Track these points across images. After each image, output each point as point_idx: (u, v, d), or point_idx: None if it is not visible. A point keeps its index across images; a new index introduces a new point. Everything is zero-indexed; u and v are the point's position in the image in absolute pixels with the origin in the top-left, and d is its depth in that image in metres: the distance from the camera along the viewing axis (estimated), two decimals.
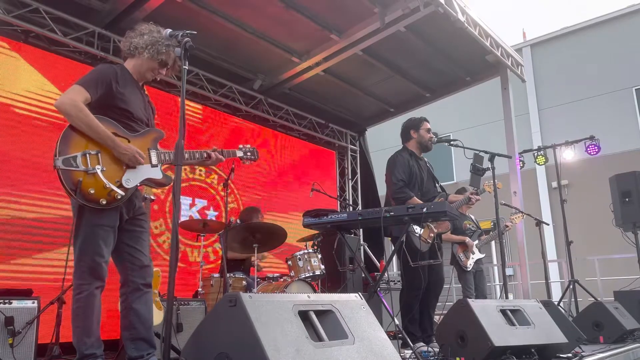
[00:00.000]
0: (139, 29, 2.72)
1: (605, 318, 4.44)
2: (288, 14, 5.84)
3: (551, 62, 14.70)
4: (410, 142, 4.33)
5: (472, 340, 2.75)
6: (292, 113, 8.11)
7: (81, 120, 2.43)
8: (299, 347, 1.76)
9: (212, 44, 6.42)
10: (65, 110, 2.43)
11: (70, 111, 2.42)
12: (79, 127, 2.44)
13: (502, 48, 6.74)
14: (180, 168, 2.22)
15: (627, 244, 6.40)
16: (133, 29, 2.74)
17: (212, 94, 6.91)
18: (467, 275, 5.95)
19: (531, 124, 14.52)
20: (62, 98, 2.45)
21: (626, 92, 13.31)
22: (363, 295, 2.34)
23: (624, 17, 13.75)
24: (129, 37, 2.72)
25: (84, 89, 2.48)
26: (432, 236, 3.95)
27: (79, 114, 2.42)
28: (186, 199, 6.41)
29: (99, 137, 2.46)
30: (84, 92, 2.48)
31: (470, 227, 6.12)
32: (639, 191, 6.21)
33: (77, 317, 2.40)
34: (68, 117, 2.43)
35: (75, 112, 2.42)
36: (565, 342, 3.17)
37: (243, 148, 3.14)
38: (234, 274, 4.95)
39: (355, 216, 3.60)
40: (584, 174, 12.50)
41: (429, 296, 4.04)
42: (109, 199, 2.44)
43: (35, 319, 3.69)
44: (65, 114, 2.44)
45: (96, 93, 2.51)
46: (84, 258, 2.42)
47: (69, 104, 2.42)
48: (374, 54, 6.84)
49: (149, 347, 2.55)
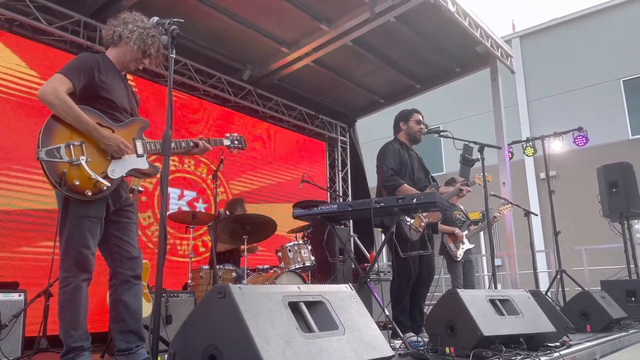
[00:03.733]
0: (122, 17, 2.66)
1: (592, 307, 4.49)
2: (277, 4, 5.78)
3: (540, 53, 14.76)
4: (400, 133, 4.34)
5: (462, 330, 2.76)
6: (281, 104, 8.06)
7: (64, 110, 2.37)
8: (288, 338, 1.75)
9: (201, 34, 6.35)
10: (48, 100, 2.36)
11: (53, 101, 2.36)
12: (63, 117, 2.38)
13: (491, 39, 6.74)
14: (168, 159, 2.19)
15: (614, 234, 6.48)
16: (116, 17, 2.68)
17: (200, 84, 6.84)
18: (456, 265, 5.98)
19: (520, 115, 14.59)
20: (44, 87, 2.39)
21: (614, 84, 13.41)
22: (353, 286, 2.34)
23: (612, 9, 13.82)
24: (111, 25, 2.65)
25: (67, 79, 2.42)
26: (423, 225, 3.96)
27: (62, 104, 2.36)
28: (175, 191, 6.36)
29: (83, 127, 2.41)
30: (67, 81, 2.42)
31: (460, 218, 6.15)
32: (625, 182, 6.28)
33: (64, 310, 2.36)
34: (51, 107, 2.37)
35: (58, 102, 2.36)
36: (553, 331, 3.20)
37: (230, 137, 3.09)
38: (223, 266, 4.93)
39: (345, 207, 3.59)
40: (572, 165, 12.61)
41: (419, 286, 4.05)
42: (94, 190, 2.40)
43: (22, 312, 3.66)
44: (48, 104, 2.37)
45: (79, 82, 2.45)
46: (70, 250, 2.38)
47: (52, 93, 2.36)
48: (364, 45, 6.81)
49: (137, 339, 2.53)
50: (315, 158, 8.82)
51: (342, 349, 1.90)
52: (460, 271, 6.00)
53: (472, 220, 6.36)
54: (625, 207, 6.20)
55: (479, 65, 7.46)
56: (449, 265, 6.04)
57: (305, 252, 5.13)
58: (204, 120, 6.94)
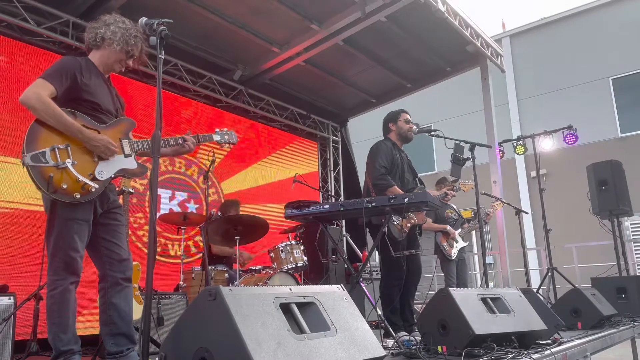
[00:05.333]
0: (103, 19, 2.66)
1: (583, 304, 4.51)
2: (268, 3, 5.77)
3: (530, 52, 14.85)
4: (391, 134, 4.33)
5: (454, 329, 2.76)
6: (273, 104, 8.04)
7: (47, 114, 2.36)
8: (280, 339, 1.74)
9: (191, 34, 6.32)
10: (30, 105, 2.36)
11: (35, 105, 2.35)
12: (46, 120, 2.37)
13: (482, 38, 6.77)
14: (157, 160, 2.17)
15: (604, 232, 6.52)
16: (96, 20, 2.68)
17: (191, 84, 6.81)
18: (450, 264, 6.01)
19: (510, 114, 14.67)
20: (26, 92, 2.38)
21: (603, 82, 13.52)
22: (345, 286, 2.33)
23: (601, 8, 13.92)
24: (93, 28, 2.65)
25: (48, 82, 2.41)
26: (409, 225, 3.96)
27: (45, 108, 2.35)
28: (166, 192, 6.33)
29: (67, 130, 2.40)
30: (48, 85, 2.41)
31: (452, 216, 6.17)
32: (615, 180, 6.33)
33: (53, 314, 2.34)
34: (34, 111, 2.36)
35: (40, 106, 2.35)
36: (545, 328, 3.21)
37: (220, 132, 3.06)
38: (215, 267, 4.91)
39: (337, 207, 3.59)
40: (562, 163, 12.70)
41: (408, 285, 4.05)
42: (82, 192, 2.38)
43: (12, 315, 3.62)
44: (31, 109, 2.36)
45: (61, 86, 2.44)
46: (58, 253, 2.36)
47: (34, 98, 2.35)
48: (355, 44, 6.81)
49: (128, 342, 2.52)
50: (307, 158, 8.81)
51: (334, 350, 1.89)
52: (453, 270, 6.02)
53: (465, 218, 6.39)
54: (615, 205, 6.25)
55: (470, 65, 7.49)
56: (443, 264, 6.06)
57: (298, 252, 5.13)
58: (195, 120, 6.90)
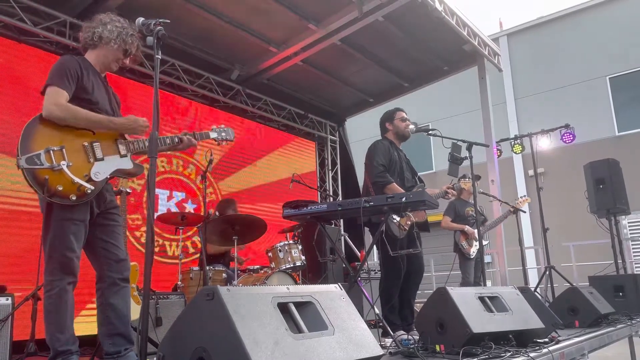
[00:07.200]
0: (99, 18, 2.68)
1: (581, 303, 4.52)
2: (265, 3, 5.77)
3: (527, 51, 14.86)
4: (388, 133, 4.33)
5: (451, 328, 2.76)
6: (270, 103, 8.04)
7: (76, 119, 2.43)
8: (278, 339, 1.74)
9: (188, 34, 6.31)
10: (56, 116, 2.40)
11: (61, 115, 2.40)
12: (77, 124, 2.44)
13: (479, 37, 6.78)
14: (154, 160, 2.17)
15: (602, 230, 6.54)
16: (92, 20, 2.69)
17: (188, 84, 6.81)
18: (468, 262, 6.08)
19: (508, 113, 14.69)
20: (47, 107, 2.40)
21: (600, 81, 13.54)
22: (343, 285, 2.34)
23: (598, 7, 13.94)
24: (89, 27, 2.66)
25: (60, 89, 2.44)
26: (409, 224, 3.96)
27: (72, 114, 2.42)
28: (163, 192, 6.32)
29: (100, 125, 2.50)
30: (61, 92, 2.43)
31: (473, 214, 6.18)
32: (612, 178, 6.34)
33: (50, 314, 2.34)
34: (63, 121, 2.42)
35: (67, 114, 2.41)
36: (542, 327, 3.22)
37: (217, 129, 3.05)
38: (213, 267, 4.90)
39: (335, 207, 3.58)
40: (560, 162, 12.72)
41: (409, 285, 4.05)
42: (78, 194, 2.37)
43: (10, 316, 3.62)
44: (59, 119, 2.41)
45: (70, 89, 2.48)
46: (55, 254, 2.36)
47: (57, 109, 2.39)
48: (353, 44, 6.82)
49: (126, 342, 2.51)
50: (305, 157, 8.81)
51: (331, 349, 1.89)
52: (471, 268, 6.09)
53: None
54: (612, 203, 6.26)
55: (467, 64, 7.49)
56: (461, 262, 6.13)
57: (296, 252, 5.12)
58: (192, 120, 6.90)
